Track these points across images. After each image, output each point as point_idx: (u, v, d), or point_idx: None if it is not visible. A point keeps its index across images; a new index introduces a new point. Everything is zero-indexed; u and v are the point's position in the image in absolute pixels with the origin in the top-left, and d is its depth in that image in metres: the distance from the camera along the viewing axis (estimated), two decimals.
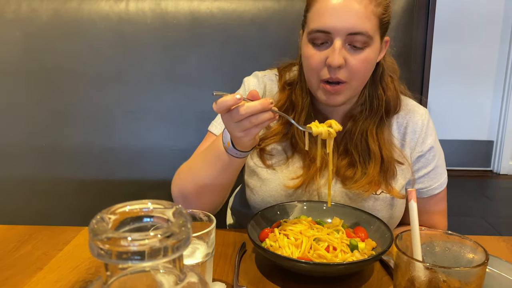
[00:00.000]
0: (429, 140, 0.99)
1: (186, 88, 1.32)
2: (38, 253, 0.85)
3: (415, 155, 0.99)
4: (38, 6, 1.31)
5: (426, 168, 1.00)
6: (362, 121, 0.95)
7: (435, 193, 1.02)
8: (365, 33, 0.83)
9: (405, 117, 1.00)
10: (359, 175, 0.94)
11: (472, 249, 0.61)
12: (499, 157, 3.54)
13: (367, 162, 0.94)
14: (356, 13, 0.82)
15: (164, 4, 1.30)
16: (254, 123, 0.74)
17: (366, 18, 0.83)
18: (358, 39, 0.84)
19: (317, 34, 0.85)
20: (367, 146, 0.95)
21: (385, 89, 0.96)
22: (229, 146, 0.82)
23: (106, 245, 0.30)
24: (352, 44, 0.85)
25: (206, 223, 0.67)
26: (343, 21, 0.83)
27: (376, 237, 0.83)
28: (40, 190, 1.33)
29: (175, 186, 0.96)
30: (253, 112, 0.73)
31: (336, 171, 0.96)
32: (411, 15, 1.27)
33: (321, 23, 0.84)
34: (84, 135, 1.32)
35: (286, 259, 0.73)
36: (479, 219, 2.73)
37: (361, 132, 0.95)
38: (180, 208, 0.35)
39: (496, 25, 3.33)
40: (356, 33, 0.83)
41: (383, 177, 0.95)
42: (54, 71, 1.31)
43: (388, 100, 0.96)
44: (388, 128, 0.98)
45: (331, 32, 0.84)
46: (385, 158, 0.94)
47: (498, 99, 3.48)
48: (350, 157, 0.96)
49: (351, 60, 0.85)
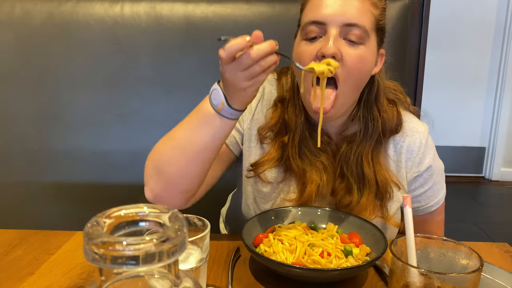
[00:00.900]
0: (427, 160, 0.95)
1: (180, 92, 1.31)
2: (29, 257, 0.84)
3: (411, 175, 0.96)
4: (32, 8, 1.30)
5: (423, 187, 0.97)
6: (357, 144, 0.91)
7: (431, 210, 1.00)
8: (362, 27, 0.80)
9: (402, 136, 0.95)
10: (355, 202, 0.91)
11: (466, 255, 0.62)
12: (491, 163, 3.57)
13: (362, 189, 0.91)
14: (352, 5, 0.80)
15: (159, 8, 1.30)
16: (264, 66, 0.68)
17: (363, 12, 0.80)
18: (355, 32, 0.79)
19: (311, 27, 0.81)
20: (362, 171, 0.91)
21: (380, 110, 0.91)
22: (224, 106, 0.74)
23: (101, 249, 0.29)
24: (348, 38, 0.80)
25: (200, 228, 0.66)
26: (340, 11, 0.79)
27: (371, 243, 0.83)
28: (31, 193, 1.32)
29: (150, 161, 0.87)
30: (264, 55, 0.67)
31: (334, 193, 0.93)
32: (405, 22, 1.28)
33: (316, 14, 0.80)
34: (77, 138, 1.31)
35: (281, 264, 0.73)
36: (471, 225, 2.74)
37: (356, 156, 0.91)
38: (176, 212, 0.35)
39: (488, 32, 3.37)
40: (352, 25, 0.79)
41: (379, 201, 0.92)
42: (47, 74, 1.31)
43: (384, 122, 0.91)
44: (384, 151, 0.94)
45: (326, 22, 0.79)
46: (380, 184, 0.91)
47: (490, 106, 3.52)
48: (347, 183, 0.92)
49: (347, 54, 0.79)
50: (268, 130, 0.95)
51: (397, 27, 1.27)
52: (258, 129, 0.96)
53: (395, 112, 0.93)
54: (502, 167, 3.56)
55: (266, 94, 0.99)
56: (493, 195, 3.37)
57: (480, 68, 3.45)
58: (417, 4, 1.47)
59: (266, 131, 0.95)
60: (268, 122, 0.96)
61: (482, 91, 3.50)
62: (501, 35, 3.35)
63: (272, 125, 0.95)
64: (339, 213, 0.91)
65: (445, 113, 3.47)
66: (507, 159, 3.54)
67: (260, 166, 0.94)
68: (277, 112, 0.95)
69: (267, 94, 0.99)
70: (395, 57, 1.24)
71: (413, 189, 0.97)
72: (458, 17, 3.31)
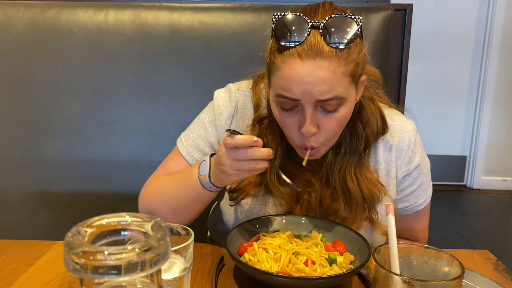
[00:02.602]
0: (416, 158, 0.96)
1: (165, 100, 1.31)
2: (8, 268, 0.82)
3: (401, 174, 0.97)
4: (14, 14, 1.28)
5: (412, 187, 0.98)
6: (341, 157, 0.91)
7: (419, 209, 1.01)
8: (337, 97, 0.77)
9: (392, 135, 0.96)
10: (342, 209, 0.92)
11: (448, 263, 0.62)
12: (472, 172, 3.63)
13: (347, 199, 0.92)
14: (323, 81, 0.75)
15: (144, 16, 1.29)
16: (253, 167, 0.77)
17: (335, 82, 0.76)
18: (330, 103, 0.78)
19: (285, 100, 0.79)
20: (347, 186, 0.91)
21: (364, 125, 0.91)
22: (205, 179, 0.85)
23: (82, 259, 0.29)
24: (324, 107, 0.79)
25: (184, 237, 0.66)
26: (311, 90, 0.76)
27: (355, 251, 0.83)
28: (11, 202, 1.29)
29: (143, 204, 0.97)
30: (257, 157, 0.76)
31: (320, 201, 0.94)
32: (388, 33, 1.30)
33: (288, 91, 0.77)
34: (59, 146, 1.29)
35: (265, 273, 0.73)
36: (453, 232, 2.78)
37: (339, 169, 0.91)
38: (159, 221, 0.35)
39: (468, 43, 3.45)
40: (326, 100, 0.77)
41: (367, 207, 0.93)
42: (29, 81, 1.29)
43: (368, 137, 0.91)
44: (368, 162, 0.94)
45: (299, 99, 0.78)
46: (365, 195, 0.91)
47: (470, 116, 3.58)
48: (332, 191, 0.93)
49: (324, 124, 0.80)
50: None
51: (380, 38, 1.29)
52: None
53: (380, 117, 0.93)
54: (483, 175, 3.62)
55: (239, 109, 0.98)
56: (475, 203, 3.42)
57: (461, 79, 3.52)
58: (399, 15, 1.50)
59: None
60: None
61: (463, 101, 3.57)
62: (480, 47, 3.43)
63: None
64: (323, 221, 0.91)
65: (427, 122, 3.52)
66: (488, 168, 3.61)
67: (240, 192, 0.95)
68: (255, 133, 0.94)
69: (240, 109, 0.98)
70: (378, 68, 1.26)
71: (402, 188, 0.98)
72: (439, 29, 3.38)
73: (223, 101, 0.98)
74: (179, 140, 1.01)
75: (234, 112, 0.97)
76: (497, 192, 3.58)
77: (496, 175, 3.62)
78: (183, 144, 0.99)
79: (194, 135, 0.99)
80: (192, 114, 1.27)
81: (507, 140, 3.57)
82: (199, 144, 0.98)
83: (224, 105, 0.98)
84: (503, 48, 3.38)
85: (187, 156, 0.98)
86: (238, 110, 0.98)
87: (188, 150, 0.98)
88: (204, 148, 0.98)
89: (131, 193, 1.30)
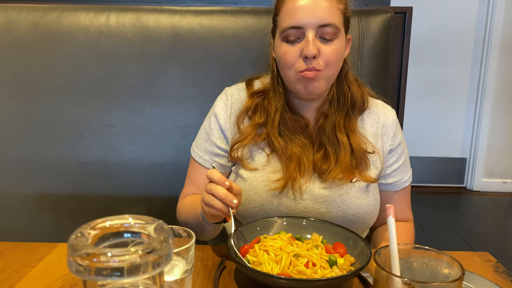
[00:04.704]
0: (399, 136, 1.08)
1: (166, 102, 1.31)
2: (10, 270, 0.82)
3: (387, 148, 1.06)
4: (16, 18, 1.29)
5: (398, 163, 1.08)
6: (332, 115, 1.02)
7: (405, 186, 1.10)
8: (334, 25, 0.93)
9: (377, 113, 1.08)
10: (332, 165, 0.99)
11: (448, 265, 0.63)
12: (472, 174, 3.63)
13: (338, 152, 1.00)
14: (323, 8, 0.92)
15: (145, 19, 1.30)
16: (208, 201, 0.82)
17: (332, 12, 0.93)
18: (328, 30, 0.93)
19: (290, 31, 0.93)
20: (336, 137, 1.01)
21: (349, 86, 1.04)
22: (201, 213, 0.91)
23: (86, 261, 0.29)
24: (322, 37, 0.93)
25: (185, 239, 0.66)
26: (314, 15, 0.92)
27: (355, 253, 0.83)
28: (13, 204, 1.29)
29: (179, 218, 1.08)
30: (215, 194, 0.81)
31: (313, 166, 1.00)
32: (388, 35, 1.31)
33: (294, 19, 0.93)
34: (60, 148, 1.30)
35: (266, 275, 0.73)
36: (453, 235, 2.78)
37: (330, 125, 1.01)
38: (162, 223, 0.35)
39: (468, 45, 3.45)
40: (326, 25, 0.92)
41: (356, 165, 1.00)
42: (30, 83, 1.29)
43: (352, 95, 1.03)
44: (355, 121, 1.04)
45: (303, 26, 0.92)
46: (353, 146, 1.00)
47: (470, 117, 3.58)
48: (324, 150, 1.01)
49: (324, 50, 0.93)
50: (244, 113, 1.04)
51: (380, 41, 1.30)
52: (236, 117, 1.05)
53: (361, 92, 1.05)
54: (483, 177, 3.62)
55: (235, 99, 1.07)
56: (475, 205, 3.42)
57: (461, 81, 3.52)
58: (399, 18, 1.50)
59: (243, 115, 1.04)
60: (243, 106, 1.05)
61: (463, 103, 3.57)
62: (480, 49, 3.44)
63: (247, 107, 1.04)
64: (323, 223, 0.92)
65: (427, 124, 3.53)
66: (488, 170, 3.61)
67: (237, 142, 1.02)
68: (253, 100, 1.05)
69: (236, 99, 1.07)
70: (378, 70, 1.26)
71: (390, 164, 1.07)
72: (438, 31, 3.39)
73: (220, 108, 1.07)
74: (192, 149, 1.10)
75: (231, 106, 1.06)
76: (497, 194, 3.58)
77: (496, 177, 3.62)
78: (195, 152, 1.08)
79: (201, 141, 1.08)
80: (193, 117, 1.28)
81: (507, 142, 3.57)
82: (206, 147, 1.07)
83: (221, 110, 1.06)
84: (503, 50, 3.39)
85: (200, 160, 1.07)
86: (234, 101, 1.07)
87: (199, 155, 1.07)
88: (212, 149, 1.07)
89: (132, 195, 1.32)
